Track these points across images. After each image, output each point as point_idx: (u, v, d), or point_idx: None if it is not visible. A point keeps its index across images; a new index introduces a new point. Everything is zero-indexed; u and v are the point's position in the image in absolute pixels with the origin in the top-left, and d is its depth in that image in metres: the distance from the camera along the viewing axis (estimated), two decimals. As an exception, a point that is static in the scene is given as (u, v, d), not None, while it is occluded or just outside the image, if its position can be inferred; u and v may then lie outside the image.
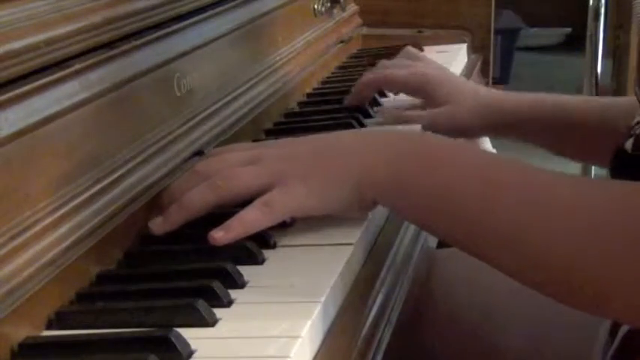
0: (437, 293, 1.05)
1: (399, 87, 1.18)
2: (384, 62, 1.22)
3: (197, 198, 0.76)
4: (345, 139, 0.79)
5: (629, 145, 0.81)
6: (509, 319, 0.99)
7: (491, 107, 1.11)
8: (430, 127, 1.12)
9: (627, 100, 1.07)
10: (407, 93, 1.18)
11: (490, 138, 1.14)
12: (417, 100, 1.17)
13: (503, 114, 1.10)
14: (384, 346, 0.71)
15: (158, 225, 0.78)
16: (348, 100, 1.19)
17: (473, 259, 0.89)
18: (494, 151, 2.04)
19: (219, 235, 0.73)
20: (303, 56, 1.30)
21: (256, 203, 0.74)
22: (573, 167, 2.42)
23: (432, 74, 1.15)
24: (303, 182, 0.74)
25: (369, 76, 1.18)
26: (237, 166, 0.77)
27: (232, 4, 1.08)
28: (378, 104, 1.21)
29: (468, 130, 1.12)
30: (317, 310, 0.65)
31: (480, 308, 1.01)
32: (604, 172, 2.14)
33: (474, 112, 1.10)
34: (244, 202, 0.76)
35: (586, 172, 2.28)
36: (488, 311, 1.00)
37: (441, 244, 1.19)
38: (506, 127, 1.11)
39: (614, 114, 1.03)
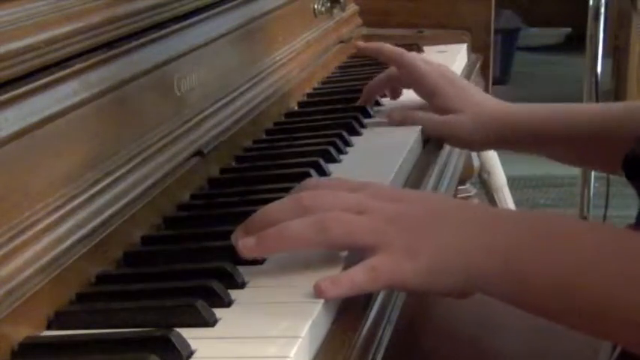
0: (434, 305, 1.04)
1: (413, 85, 1.15)
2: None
3: (301, 232, 0.70)
4: (457, 215, 0.73)
5: None
6: (510, 327, 0.98)
7: (499, 121, 1.08)
8: (442, 130, 1.10)
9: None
10: (417, 93, 1.17)
11: (494, 150, 1.12)
12: (420, 102, 1.16)
13: (511, 128, 1.08)
14: (383, 346, 0.71)
15: (249, 248, 0.71)
16: (364, 99, 1.19)
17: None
18: (495, 152, 2.03)
19: (326, 287, 0.67)
20: (303, 56, 1.30)
21: (366, 265, 0.69)
22: (573, 168, 2.42)
23: (441, 72, 1.13)
24: (411, 256, 0.69)
25: (382, 76, 1.18)
26: (346, 211, 0.71)
27: (232, 4, 1.08)
28: (378, 104, 1.22)
29: (478, 143, 1.11)
30: (317, 310, 0.65)
31: (477, 319, 1.00)
32: (604, 174, 2.13)
33: (479, 125, 1.08)
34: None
35: (586, 171, 2.28)
36: (487, 322, 0.99)
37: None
38: (512, 140, 1.09)
39: (628, 123, 1.01)
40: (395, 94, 1.21)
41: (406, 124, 1.12)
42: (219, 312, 0.66)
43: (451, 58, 1.45)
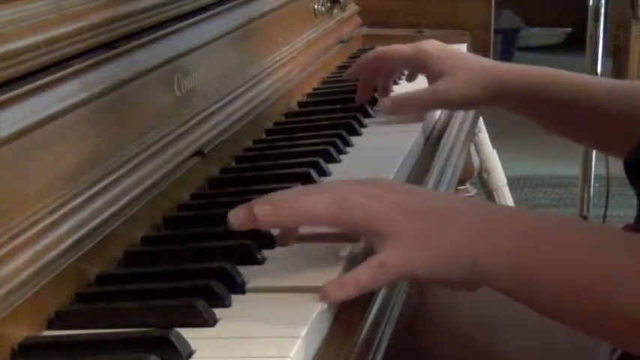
0: (435, 303, 1.04)
1: (398, 60, 1.17)
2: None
3: (319, 207, 0.70)
4: (463, 210, 0.73)
5: None
6: (510, 327, 0.98)
7: (495, 77, 1.09)
8: (432, 100, 1.12)
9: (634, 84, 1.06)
10: (407, 67, 1.18)
11: (490, 108, 1.12)
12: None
13: (507, 85, 1.08)
14: (383, 346, 0.71)
15: (265, 215, 0.70)
16: (348, 72, 1.21)
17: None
18: (495, 152, 2.03)
19: (332, 290, 0.68)
20: (303, 56, 1.30)
21: (373, 262, 0.69)
22: (573, 168, 2.42)
23: (432, 47, 1.14)
24: (420, 246, 0.70)
25: (379, 50, 1.18)
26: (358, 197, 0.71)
27: (232, 4, 1.08)
28: (375, 99, 1.22)
29: (468, 100, 1.11)
30: (317, 310, 0.65)
31: (477, 319, 1.00)
32: (603, 171, 2.13)
33: (476, 82, 1.09)
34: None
35: (586, 171, 2.28)
36: (490, 323, 0.99)
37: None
38: (508, 98, 1.09)
39: (631, 100, 1.01)
40: (386, 91, 1.21)
41: (399, 107, 1.13)
42: (219, 312, 0.66)
43: (451, 58, 1.45)
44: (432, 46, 1.15)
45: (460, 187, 1.81)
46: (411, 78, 1.24)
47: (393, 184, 0.77)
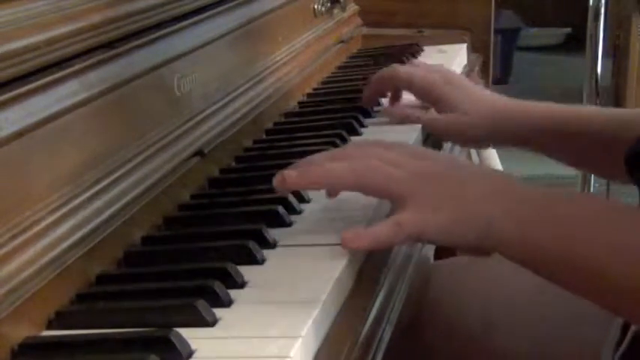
0: (436, 302, 1.04)
1: (415, 89, 1.14)
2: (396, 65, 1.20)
3: (343, 172, 0.76)
4: (479, 177, 0.77)
5: None
6: (512, 325, 0.98)
7: (503, 117, 1.08)
8: (438, 134, 1.11)
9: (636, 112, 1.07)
10: (418, 95, 1.15)
11: (499, 147, 1.12)
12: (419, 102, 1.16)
13: (514, 125, 1.07)
14: (384, 346, 0.71)
15: (292, 178, 0.77)
16: (364, 96, 1.18)
17: (471, 269, 0.90)
18: (495, 152, 2.03)
19: (350, 237, 0.73)
20: (303, 56, 1.30)
21: (390, 221, 0.74)
22: (573, 168, 2.42)
23: (446, 79, 1.12)
24: (436, 209, 0.73)
25: (386, 70, 1.16)
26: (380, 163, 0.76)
27: (232, 4, 1.08)
28: (378, 104, 1.21)
29: (476, 140, 1.11)
30: (317, 310, 0.65)
31: (481, 315, 1.00)
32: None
33: (484, 122, 1.08)
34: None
35: (586, 176, 2.28)
36: (490, 319, 0.99)
37: (438, 255, 1.19)
38: (517, 138, 1.08)
39: (630, 126, 1.02)
40: (395, 99, 1.20)
41: (407, 122, 1.12)
42: (219, 312, 0.66)
43: (451, 58, 1.45)
44: (444, 75, 1.13)
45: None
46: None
47: (415, 149, 0.83)
